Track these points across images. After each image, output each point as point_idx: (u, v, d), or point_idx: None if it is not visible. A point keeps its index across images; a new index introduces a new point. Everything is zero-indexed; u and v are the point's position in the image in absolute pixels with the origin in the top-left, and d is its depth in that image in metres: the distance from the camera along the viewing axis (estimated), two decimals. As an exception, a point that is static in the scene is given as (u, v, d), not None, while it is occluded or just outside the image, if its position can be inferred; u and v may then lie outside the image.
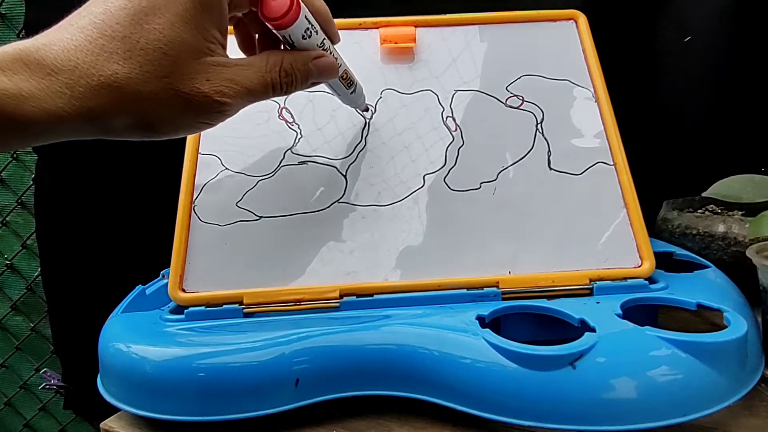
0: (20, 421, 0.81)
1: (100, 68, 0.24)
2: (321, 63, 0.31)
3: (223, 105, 0.27)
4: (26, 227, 0.72)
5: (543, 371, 0.28)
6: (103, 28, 0.24)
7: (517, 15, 0.45)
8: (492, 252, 0.37)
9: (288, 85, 0.29)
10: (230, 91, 0.27)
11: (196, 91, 0.26)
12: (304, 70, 0.30)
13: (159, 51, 0.24)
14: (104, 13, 0.24)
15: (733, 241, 0.42)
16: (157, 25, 0.24)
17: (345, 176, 0.40)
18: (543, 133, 0.41)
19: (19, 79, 0.23)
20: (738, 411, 0.30)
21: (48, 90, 0.23)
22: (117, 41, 0.24)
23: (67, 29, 0.24)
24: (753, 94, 0.55)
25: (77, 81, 0.23)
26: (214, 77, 0.26)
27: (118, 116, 0.25)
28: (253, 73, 0.28)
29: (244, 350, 0.31)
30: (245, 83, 0.27)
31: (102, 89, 0.24)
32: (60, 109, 0.23)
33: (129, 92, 0.24)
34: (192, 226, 0.38)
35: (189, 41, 0.25)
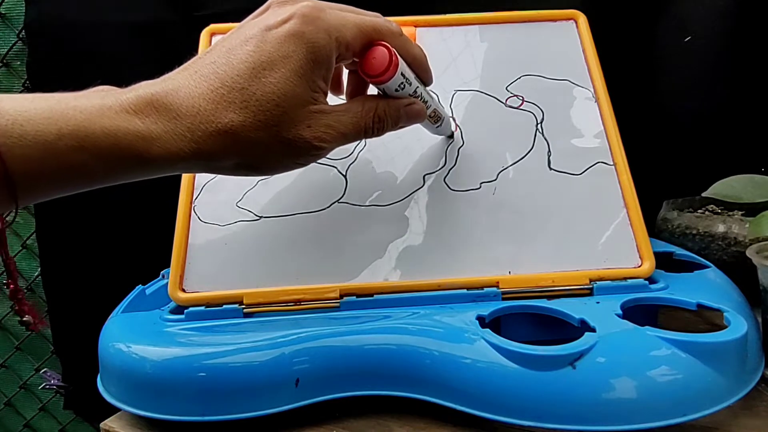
0: (20, 421, 0.81)
1: (218, 116, 0.26)
2: (411, 110, 0.33)
3: (320, 149, 0.29)
4: (26, 227, 0.72)
5: (543, 371, 0.28)
6: (224, 79, 0.26)
7: (517, 15, 0.45)
8: (492, 252, 0.37)
9: (379, 130, 0.32)
10: (328, 136, 0.29)
11: (298, 137, 0.28)
12: (395, 116, 0.32)
13: (272, 102, 0.26)
14: (227, 64, 0.27)
15: (733, 241, 0.42)
16: (273, 79, 0.26)
17: (345, 176, 0.40)
18: (543, 133, 0.41)
19: (150, 122, 0.25)
20: (738, 411, 0.30)
21: (172, 133, 0.25)
22: (236, 92, 0.26)
23: (192, 76, 0.27)
24: (753, 94, 0.55)
25: (198, 126, 0.26)
26: (315, 124, 0.28)
27: (228, 158, 0.27)
28: (349, 119, 0.30)
29: (244, 350, 0.31)
30: (341, 129, 0.29)
31: (218, 135, 0.26)
32: (180, 150, 0.26)
33: (241, 138, 0.26)
34: (192, 226, 0.38)
35: (299, 94, 0.27)
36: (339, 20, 0.28)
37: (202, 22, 0.46)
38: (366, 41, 0.30)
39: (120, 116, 0.25)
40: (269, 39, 0.27)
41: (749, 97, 0.55)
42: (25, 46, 0.64)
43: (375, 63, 0.29)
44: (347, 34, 0.28)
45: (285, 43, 0.27)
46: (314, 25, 0.27)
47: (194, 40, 0.44)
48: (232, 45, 0.27)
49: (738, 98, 0.56)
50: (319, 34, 0.27)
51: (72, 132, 0.24)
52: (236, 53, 0.27)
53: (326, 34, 0.28)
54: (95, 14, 0.60)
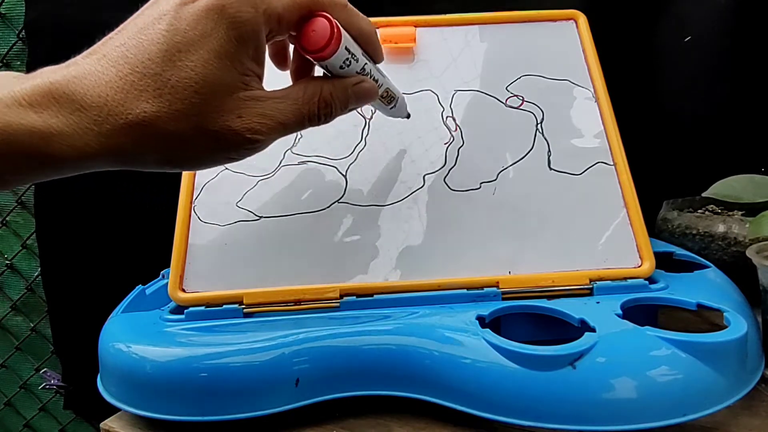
0: (20, 421, 0.81)
1: (128, 106, 0.23)
2: (360, 89, 0.29)
3: (254, 142, 0.26)
4: (26, 227, 0.72)
5: (543, 371, 0.27)
6: (135, 64, 0.23)
7: (517, 15, 0.45)
8: (492, 252, 0.37)
9: (327, 116, 0.28)
10: (263, 127, 0.25)
11: (227, 128, 0.25)
12: (343, 98, 0.29)
13: (190, 89, 0.23)
14: (137, 47, 0.23)
15: (733, 241, 0.42)
16: (189, 62, 0.23)
17: (345, 176, 0.40)
18: (543, 133, 0.41)
19: (48, 115, 0.22)
20: (738, 411, 0.30)
21: (76, 126, 0.23)
22: (148, 78, 0.23)
23: (99, 61, 0.24)
24: (753, 94, 0.55)
25: (105, 118, 0.23)
26: (246, 113, 0.25)
27: (145, 154, 0.24)
28: (289, 106, 0.26)
29: (245, 350, 0.31)
30: (279, 117, 0.26)
31: (129, 127, 0.23)
32: (87, 146, 0.23)
33: (156, 131, 0.23)
34: (192, 226, 0.38)
35: (223, 78, 0.24)
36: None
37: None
38: (303, 12, 0.26)
39: (12, 110, 0.22)
40: (184, 15, 0.23)
41: (749, 97, 0.55)
42: (25, 46, 0.64)
43: (314, 36, 0.26)
44: (278, 5, 0.25)
45: (203, 19, 0.23)
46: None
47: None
48: (144, 23, 0.24)
49: (738, 98, 0.56)
50: (243, 7, 0.24)
51: None
52: (148, 33, 0.24)
53: (251, 6, 0.24)
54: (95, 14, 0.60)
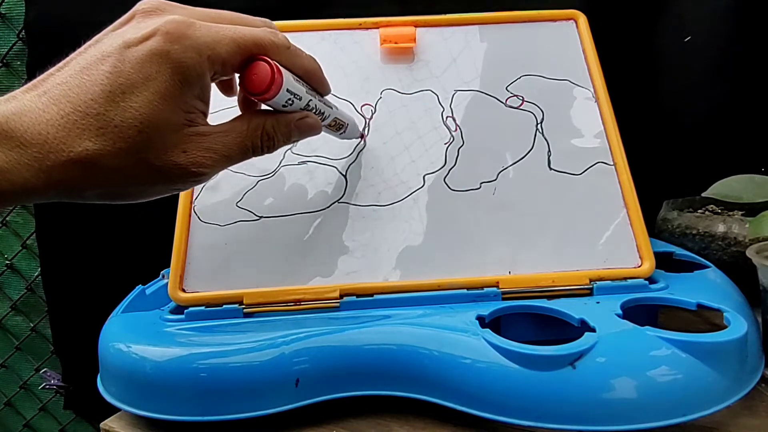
0: (20, 421, 0.81)
1: (70, 144, 0.23)
2: (303, 124, 0.31)
3: (199, 175, 0.26)
4: (26, 227, 0.72)
5: (543, 371, 0.28)
6: (77, 103, 0.23)
7: (517, 15, 0.45)
8: (492, 252, 0.37)
9: (269, 148, 0.29)
10: (208, 160, 0.26)
11: (171, 164, 0.25)
12: (285, 132, 0.30)
13: (134, 129, 0.24)
14: (80, 86, 0.24)
15: (733, 241, 0.42)
16: (134, 104, 0.24)
17: (345, 176, 0.40)
18: (543, 133, 0.41)
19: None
20: (738, 411, 0.30)
21: (16, 162, 0.23)
22: (90, 117, 0.23)
23: (40, 98, 0.24)
24: (753, 94, 0.55)
25: (46, 155, 0.23)
26: (191, 148, 0.26)
27: (89, 188, 0.25)
28: (233, 139, 0.27)
29: (244, 350, 0.31)
30: (223, 151, 0.27)
31: (71, 164, 0.23)
32: (27, 181, 0.23)
33: (99, 167, 0.24)
34: (192, 226, 0.38)
35: (167, 117, 0.25)
36: (212, 35, 0.25)
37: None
38: (245, 56, 0.27)
39: None
40: (129, 58, 0.24)
41: (749, 97, 0.55)
42: (25, 46, 0.64)
43: (256, 80, 0.27)
44: (222, 50, 0.26)
45: (147, 63, 0.24)
46: (180, 44, 0.24)
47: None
48: (87, 63, 0.24)
49: (738, 98, 0.56)
50: (187, 53, 0.25)
51: None
52: (91, 73, 0.24)
53: (196, 52, 0.25)
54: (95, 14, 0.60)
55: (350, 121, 0.38)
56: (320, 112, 0.32)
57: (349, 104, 0.42)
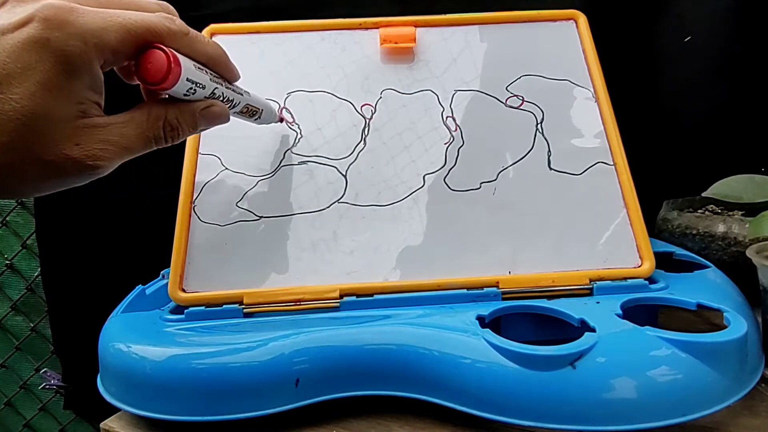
0: (20, 421, 0.81)
1: None
2: (209, 113, 0.29)
3: (96, 168, 0.25)
4: (26, 227, 0.72)
5: (543, 371, 0.28)
6: None
7: (517, 15, 0.45)
8: (492, 252, 0.37)
9: (173, 138, 0.28)
10: (104, 153, 0.25)
11: (64, 157, 0.24)
12: (191, 121, 0.29)
13: (17, 122, 0.22)
14: None
15: (733, 241, 0.42)
16: (13, 95, 0.22)
17: (345, 176, 0.40)
18: (543, 133, 0.41)
19: None
20: (738, 411, 0.30)
21: None
22: None
23: None
24: (753, 94, 0.55)
25: None
26: (85, 141, 0.24)
27: None
28: (132, 130, 0.26)
29: (244, 350, 0.31)
30: (123, 142, 0.26)
31: None
32: None
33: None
34: (192, 226, 0.38)
35: (54, 109, 0.23)
36: (97, 22, 0.24)
37: (201, 22, 0.46)
38: (139, 44, 0.25)
39: None
40: (4, 47, 0.22)
41: (749, 97, 0.55)
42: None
43: (152, 69, 0.25)
44: (110, 38, 0.24)
45: (25, 52, 0.22)
46: (62, 31, 0.23)
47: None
48: None
49: (738, 98, 0.56)
50: (70, 41, 0.23)
51: None
52: None
53: (80, 40, 0.23)
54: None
55: (264, 107, 0.36)
56: (228, 100, 0.31)
57: (349, 104, 0.42)
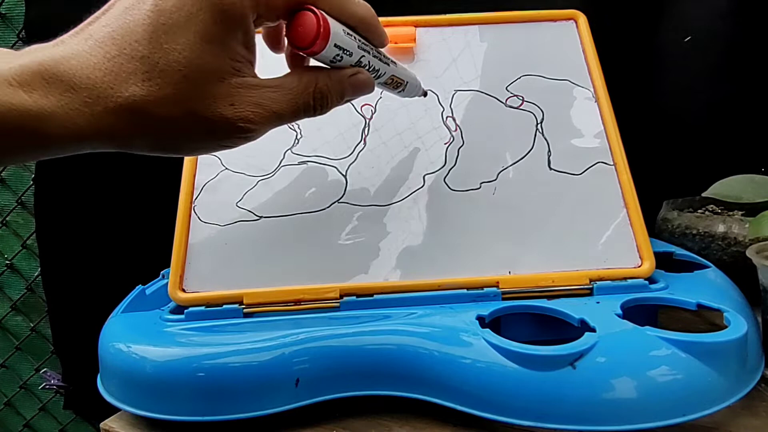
0: (20, 421, 0.81)
1: (118, 89, 0.22)
2: (356, 81, 0.28)
3: (247, 131, 0.25)
4: (26, 227, 0.72)
5: (543, 371, 0.28)
6: (122, 46, 0.22)
7: (517, 15, 0.45)
8: (492, 252, 0.37)
9: (322, 107, 0.28)
10: (256, 116, 0.25)
11: (218, 116, 0.24)
12: (339, 89, 0.28)
13: (179, 74, 0.23)
14: (123, 27, 0.23)
15: (733, 241, 0.42)
16: (176, 45, 0.22)
17: (345, 176, 0.40)
18: (543, 133, 0.41)
19: (38, 96, 0.22)
20: (738, 411, 0.30)
21: (68, 107, 0.22)
22: (136, 61, 0.22)
23: (87, 41, 0.23)
24: (753, 94, 0.55)
25: (96, 100, 0.22)
26: (239, 101, 0.24)
27: (138, 138, 0.24)
28: (283, 96, 0.26)
29: (244, 350, 0.31)
30: (273, 107, 0.25)
31: (120, 111, 0.23)
32: (80, 128, 0.22)
33: (147, 115, 0.23)
34: (192, 226, 0.38)
35: (211, 63, 0.23)
36: None
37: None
38: (293, 3, 0.25)
39: (2, 90, 0.21)
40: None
41: (749, 97, 0.55)
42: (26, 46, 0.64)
43: (302, 32, 0.25)
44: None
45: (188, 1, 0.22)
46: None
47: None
48: (130, 3, 0.23)
49: (738, 98, 0.56)
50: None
51: None
52: (133, 13, 0.23)
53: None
54: (95, 14, 0.60)
55: (410, 79, 0.35)
56: (374, 69, 0.30)
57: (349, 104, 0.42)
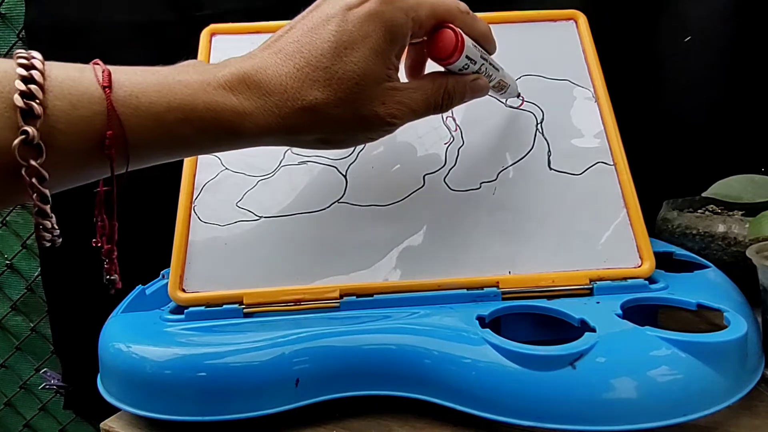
0: (20, 421, 0.81)
1: (303, 93, 0.27)
2: (476, 85, 0.34)
3: (392, 125, 0.30)
4: (26, 227, 0.72)
5: (543, 371, 0.28)
6: (309, 59, 0.27)
7: (517, 15, 0.45)
8: (492, 252, 0.37)
9: (447, 106, 0.33)
10: (400, 113, 0.30)
11: (373, 113, 0.29)
12: (462, 91, 0.33)
13: (352, 81, 0.28)
14: (311, 44, 0.28)
15: (733, 241, 0.42)
16: (354, 59, 0.28)
17: (345, 176, 0.40)
18: (543, 133, 0.41)
19: (243, 98, 0.27)
20: (738, 411, 0.30)
21: (262, 109, 0.27)
22: (320, 71, 0.27)
23: (277, 54, 0.28)
24: (753, 94, 0.55)
25: (285, 103, 0.27)
26: (389, 100, 0.29)
27: (310, 133, 0.29)
28: (420, 95, 0.31)
29: (244, 350, 0.31)
30: (413, 105, 0.30)
31: (302, 111, 0.28)
32: (268, 124, 0.27)
33: (322, 114, 0.28)
34: (192, 226, 0.38)
35: (375, 71, 0.28)
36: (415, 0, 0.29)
37: (202, 22, 0.46)
38: (437, 22, 0.30)
39: (218, 92, 0.26)
40: (350, 19, 0.28)
41: (749, 97, 0.55)
42: (25, 46, 0.64)
43: (442, 46, 0.30)
44: (422, 13, 0.29)
45: (365, 23, 0.28)
46: (392, 5, 0.28)
47: (194, 40, 0.44)
48: (314, 24, 0.28)
49: (738, 98, 0.56)
50: (397, 13, 0.28)
51: (179, 105, 0.25)
52: (319, 33, 0.28)
53: (403, 13, 0.28)
54: (95, 14, 0.60)
55: (511, 82, 0.39)
56: (488, 75, 0.35)
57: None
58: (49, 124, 0.23)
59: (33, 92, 0.22)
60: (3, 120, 0.22)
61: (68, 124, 0.23)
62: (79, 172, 0.26)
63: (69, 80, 0.24)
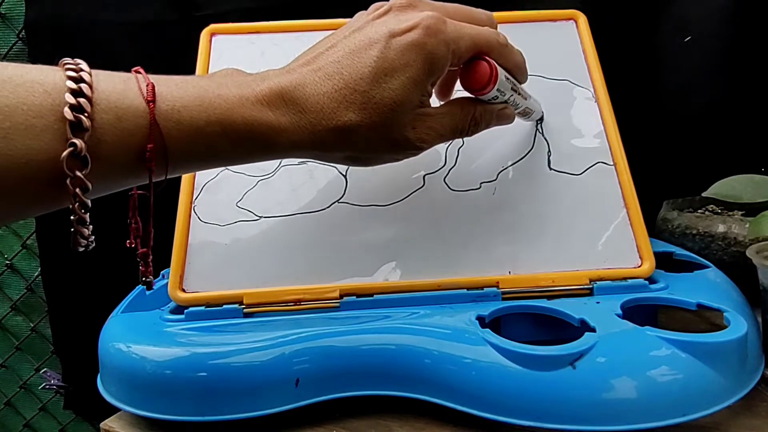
0: (20, 421, 0.81)
1: (339, 114, 0.28)
2: (502, 114, 0.34)
3: (420, 149, 0.31)
4: (26, 227, 0.72)
5: (543, 371, 0.28)
6: (348, 81, 0.28)
7: (517, 15, 0.45)
8: (492, 252, 0.37)
9: (473, 131, 0.33)
10: (428, 137, 0.30)
11: (404, 137, 0.30)
12: (488, 119, 0.33)
13: (388, 107, 0.28)
14: (351, 66, 0.28)
15: (733, 241, 0.42)
16: (392, 86, 0.28)
17: (345, 176, 0.40)
18: (543, 133, 0.41)
19: (279, 114, 0.27)
20: (738, 411, 0.30)
21: (296, 125, 0.27)
22: (357, 94, 0.28)
23: (316, 72, 0.28)
24: (753, 94, 0.55)
25: (319, 122, 0.28)
26: (419, 125, 0.30)
27: (340, 151, 0.29)
28: (449, 121, 0.31)
29: (244, 350, 0.31)
30: (440, 130, 0.31)
31: (335, 131, 0.28)
32: (301, 141, 0.28)
33: (355, 136, 0.28)
34: (192, 226, 0.38)
35: (411, 99, 0.29)
36: (457, 32, 0.29)
37: (202, 22, 0.46)
38: (475, 53, 0.30)
39: (256, 107, 0.27)
40: (393, 46, 0.28)
41: (749, 97, 0.55)
42: (25, 46, 0.64)
43: (476, 79, 0.31)
44: (462, 46, 0.29)
45: (408, 52, 0.28)
46: (436, 38, 0.28)
47: (194, 40, 0.44)
48: (357, 47, 0.28)
49: (738, 98, 0.56)
50: (439, 46, 0.28)
51: (218, 120, 0.26)
52: (360, 57, 0.28)
53: (445, 46, 0.29)
54: (95, 14, 0.60)
55: (536, 109, 0.40)
56: (516, 104, 0.35)
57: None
58: (95, 137, 0.23)
59: (82, 105, 0.23)
60: (52, 132, 0.22)
61: (113, 137, 0.24)
62: (119, 182, 0.27)
63: (115, 93, 0.24)
